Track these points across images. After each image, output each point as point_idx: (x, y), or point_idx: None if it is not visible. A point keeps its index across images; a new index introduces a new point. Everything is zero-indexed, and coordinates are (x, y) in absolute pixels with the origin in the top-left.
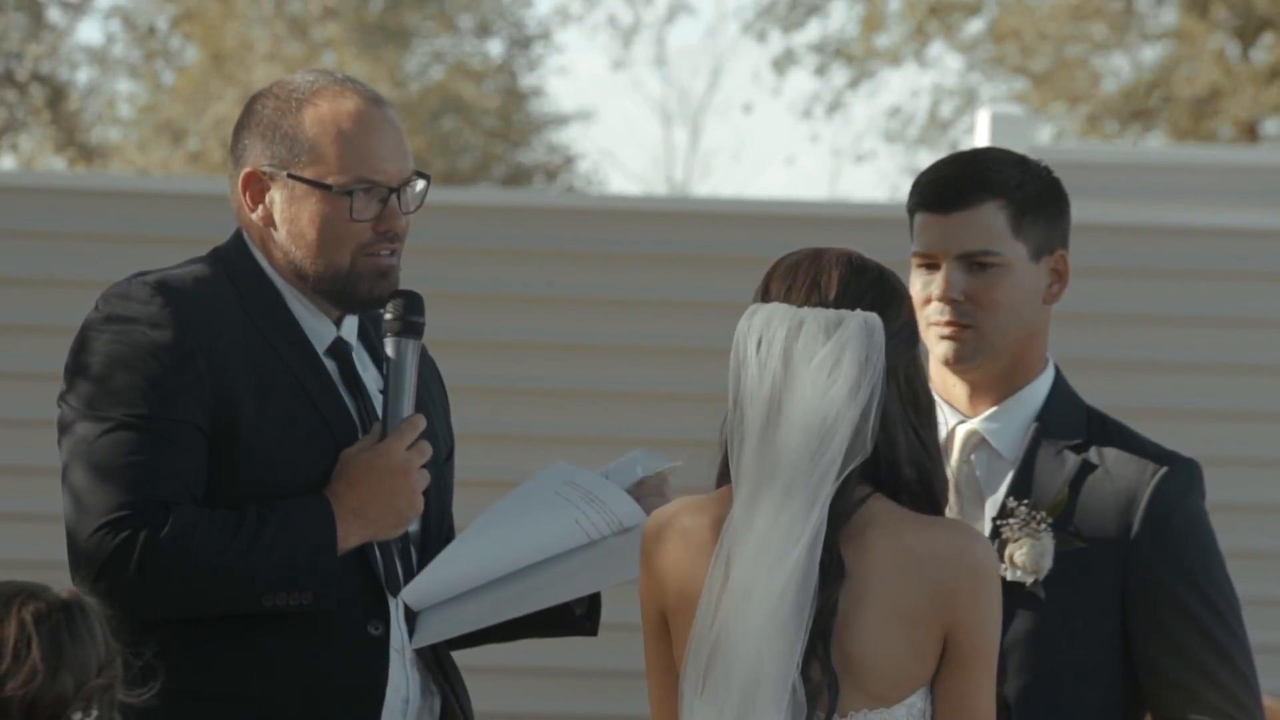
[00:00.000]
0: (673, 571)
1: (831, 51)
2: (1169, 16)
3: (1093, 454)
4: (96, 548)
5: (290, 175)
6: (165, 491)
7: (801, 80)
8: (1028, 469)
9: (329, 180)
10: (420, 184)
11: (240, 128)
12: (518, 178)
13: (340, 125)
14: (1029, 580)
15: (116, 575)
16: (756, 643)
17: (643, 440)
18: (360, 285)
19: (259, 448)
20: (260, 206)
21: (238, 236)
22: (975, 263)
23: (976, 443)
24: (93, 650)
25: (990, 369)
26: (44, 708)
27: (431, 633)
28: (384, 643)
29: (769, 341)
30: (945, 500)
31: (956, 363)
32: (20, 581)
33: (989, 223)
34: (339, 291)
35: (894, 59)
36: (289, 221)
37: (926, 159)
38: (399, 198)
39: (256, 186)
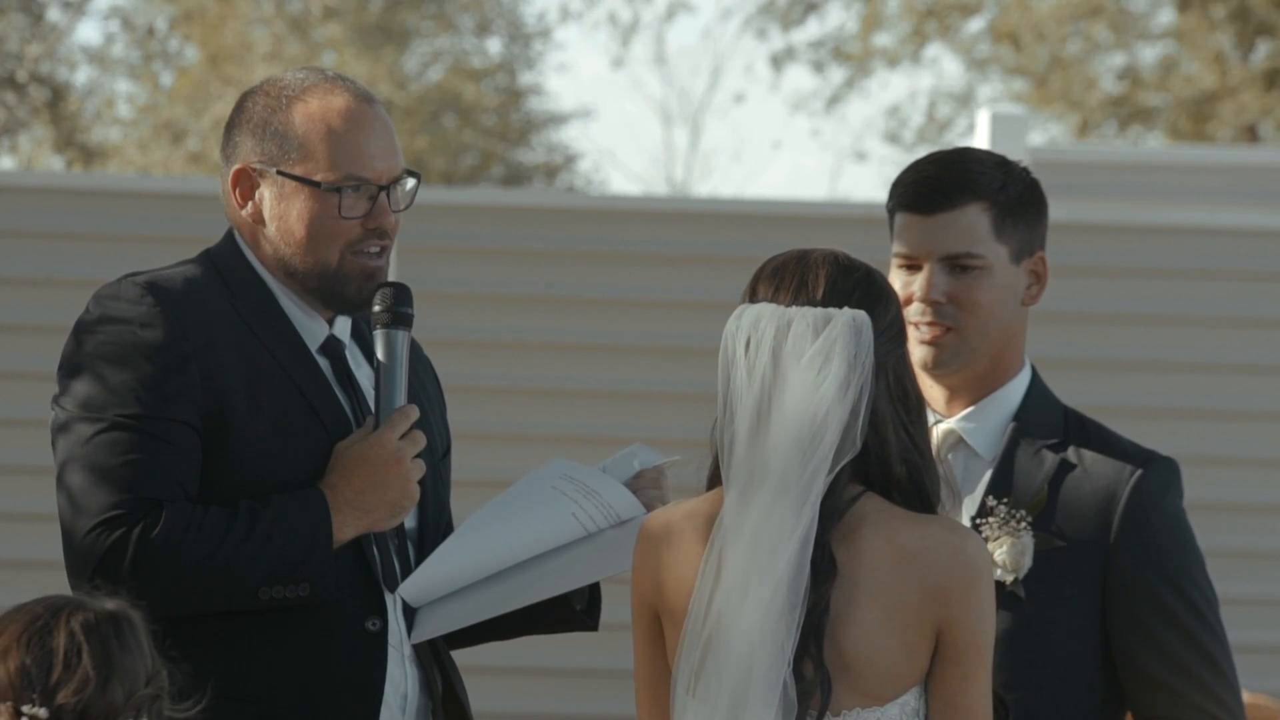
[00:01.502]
0: (666, 574)
1: (830, 48)
2: (1166, 16)
3: (1071, 453)
4: (91, 547)
5: (279, 172)
6: (159, 490)
7: (799, 76)
8: (1006, 468)
9: (318, 177)
10: (410, 182)
11: (231, 125)
12: (518, 178)
13: (330, 122)
14: (1009, 579)
15: (111, 574)
16: (748, 641)
17: (642, 440)
18: (348, 286)
19: (252, 446)
20: (250, 203)
21: (229, 236)
22: (957, 264)
23: (954, 442)
24: (140, 661)
25: (968, 372)
26: (95, 717)
27: (429, 628)
28: (382, 639)
29: (757, 341)
30: (938, 498)
31: (935, 368)
32: (66, 594)
33: (972, 225)
34: (327, 290)
35: (892, 59)
36: (278, 218)
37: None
38: (388, 195)
39: (246, 183)
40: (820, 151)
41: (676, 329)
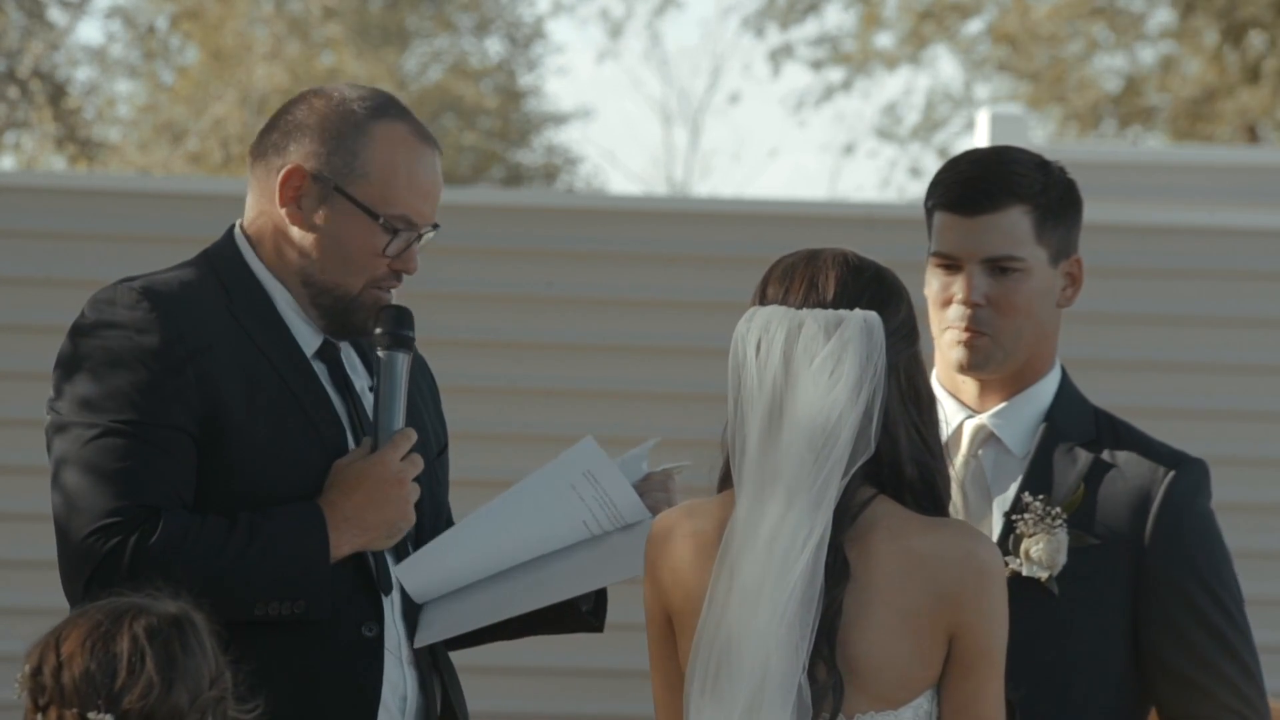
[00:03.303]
0: (679, 575)
1: (829, 47)
2: (1163, 17)
3: (1105, 453)
4: (88, 552)
5: (338, 188)
6: (155, 497)
7: (797, 75)
8: (1041, 465)
9: (379, 210)
10: (432, 232)
11: (288, 122)
12: (518, 178)
13: (402, 163)
14: (1044, 575)
15: (106, 580)
16: (763, 644)
17: (643, 440)
18: (357, 314)
19: (248, 451)
20: (294, 204)
21: (229, 236)
22: (998, 266)
23: (985, 438)
24: (204, 663)
25: (1003, 372)
26: None
27: (434, 631)
28: (378, 644)
29: (769, 344)
30: (948, 498)
31: (971, 370)
32: (129, 598)
33: (1014, 227)
34: (337, 311)
35: (890, 63)
36: (320, 230)
37: (922, 156)
38: (419, 240)
39: (297, 183)
40: (818, 150)
41: (676, 329)
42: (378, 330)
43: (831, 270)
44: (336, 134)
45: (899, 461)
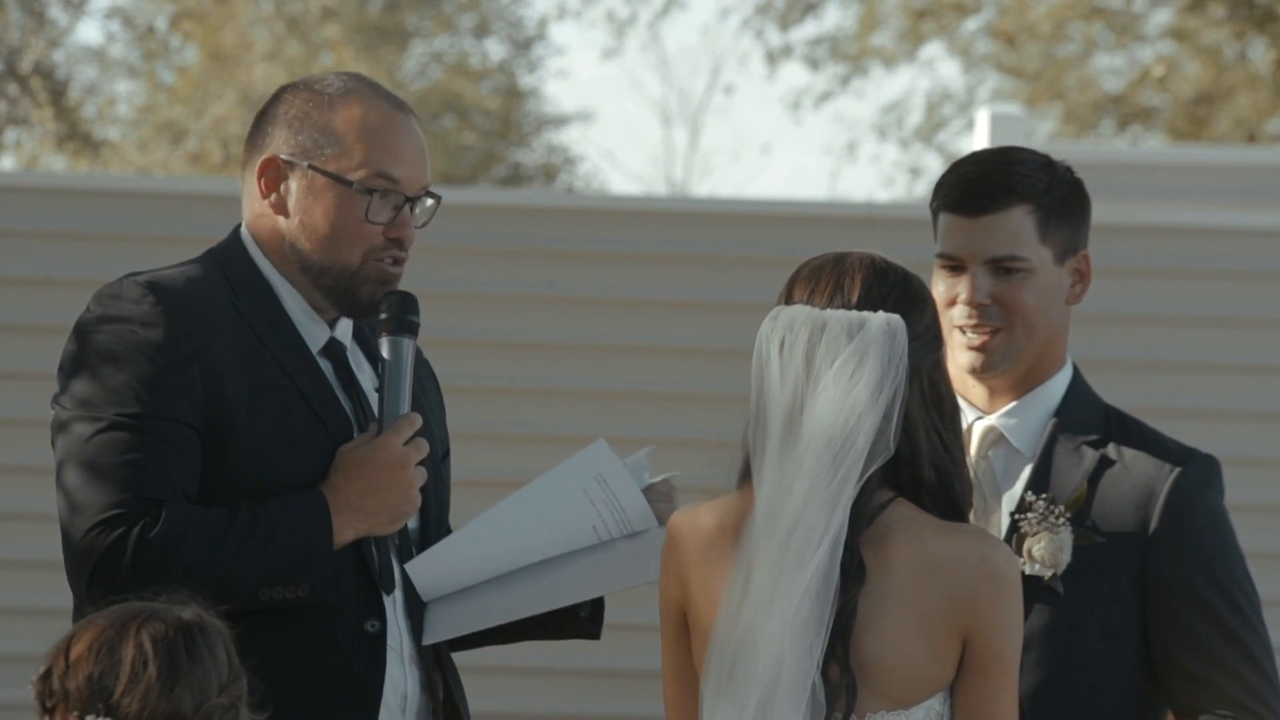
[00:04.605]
0: (693, 574)
1: (827, 46)
2: (1164, 17)
3: (1111, 450)
4: (90, 546)
5: (311, 166)
6: (158, 490)
7: (795, 74)
8: (1046, 464)
9: (350, 176)
10: (430, 201)
11: (265, 117)
12: (518, 178)
13: (371, 125)
14: (1047, 574)
15: (109, 573)
16: (777, 642)
17: (643, 440)
18: (363, 289)
19: (252, 447)
20: (274, 194)
21: (235, 235)
22: (1002, 266)
23: (995, 439)
24: (213, 670)
25: (1013, 372)
26: None
27: (441, 630)
28: (381, 641)
29: (791, 343)
30: (969, 503)
31: (984, 372)
32: (142, 603)
33: (1017, 227)
34: (340, 289)
35: (888, 59)
36: (302, 212)
37: (923, 156)
38: (412, 208)
39: (273, 173)
40: (818, 150)
41: (676, 329)
42: (383, 315)
43: (858, 273)
44: (303, 116)
45: (918, 464)
